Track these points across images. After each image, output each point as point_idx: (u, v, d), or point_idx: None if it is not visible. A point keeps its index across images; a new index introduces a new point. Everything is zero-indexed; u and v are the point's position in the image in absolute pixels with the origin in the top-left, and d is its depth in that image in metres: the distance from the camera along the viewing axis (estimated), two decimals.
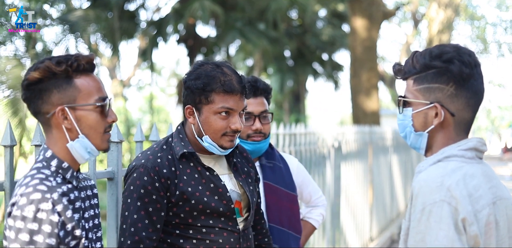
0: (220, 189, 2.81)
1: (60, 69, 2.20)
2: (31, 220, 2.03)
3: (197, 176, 2.80)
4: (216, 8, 19.95)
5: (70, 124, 2.23)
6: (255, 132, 3.46)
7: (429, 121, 2.14)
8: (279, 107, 34.81)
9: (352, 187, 8.03)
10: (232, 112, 2.75)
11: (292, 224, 3.60)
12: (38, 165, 2.21)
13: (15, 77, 13.02)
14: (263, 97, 3.54)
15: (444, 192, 1.97)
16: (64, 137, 2.24)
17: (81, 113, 2.24)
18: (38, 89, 2.20)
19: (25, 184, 2.11)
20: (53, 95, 2.21)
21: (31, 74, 2.19)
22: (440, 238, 1.93)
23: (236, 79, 2.75)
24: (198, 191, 2.76)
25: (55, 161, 2.22)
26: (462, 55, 2.10)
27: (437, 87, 2.12)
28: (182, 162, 2.81)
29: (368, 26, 14.28)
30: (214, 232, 2.77)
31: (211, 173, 2.82)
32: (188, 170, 2.80)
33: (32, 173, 2.16)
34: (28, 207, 2.03)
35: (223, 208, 2.79)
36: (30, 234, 2.03)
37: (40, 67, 2.19)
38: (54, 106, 2.21)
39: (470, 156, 2.11)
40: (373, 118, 14.21)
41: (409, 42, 33.24)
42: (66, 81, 2.22)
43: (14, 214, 2.04)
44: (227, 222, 2.81)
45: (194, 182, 2.78)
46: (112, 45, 20.44)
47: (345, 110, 54.07)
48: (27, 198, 2.05)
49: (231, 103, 2.73)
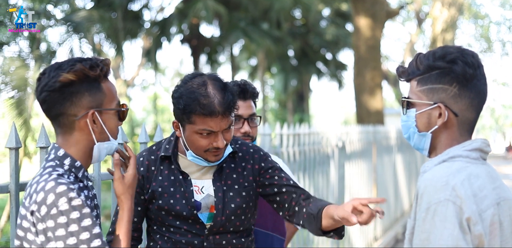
0: (187, 194, 2.85)
1: (94, 74, 2.24)
2: (70, 211, 2.07)
3: (173, 178, 2.87)
4: (220, 8, 19.98)
5: (98, 127, 2.28)
6: (243, 135, 3.47)
7: (433, 122, 2.15)
8: (283, 107, 34.86)
9: (356, 186, 8.03)
10: (214, 132, 2.74)
11: (276, 227, 3.60)
12: (51, 163, 2.23)
13: (19, 78, 13.05)
14: (251, 100, 3.55)
15: (449, 192, 1.98)
16: (87, 139, 2.27)
17: (106, 117, 2.30)
18: (69, 91, 2.21)
19: (44, 180, 2.13)
20: (85, 98, 2.24)
21: (64, 76, 2.20)
22: (444, 237, 1.94)
23: (218, 101, 2.69)
24: (167, 193, 2.85)
25: (68, 160, 2.25)
26: (466, 56, 2.11)
27: (440, 87, 2.13)
28: (164, 164, 2.90)
29: (372, 25, 14.26)
30: (180, 232, 2.85)
31: (184, 177, 2.87)
32: (166, 171, 2.89)
33: (47, 171, 2.19)
34: (60, 201, 2.07)
35: (186, 213, 2.84)
36: (77, 222, 2.07)
37: (75, 70, 2.21)
38: (84, 109, 2.24)
39: (474, 156, 2.12)
40: (377, 117, 14.19)
41: (413, 41, 33.21)
42: (95, 85, 2.26)
43: (51, 214, 2.07)
44: (193, 225, 2.86)
45: (167, 184, 2.86)
46: (116, 45, 20.47)
47: (349, 109, 54.08)
48: (54, 193, 2.08)
49: (212, 125, 2.70)
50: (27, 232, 2.14)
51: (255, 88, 3.59)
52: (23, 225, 2.15)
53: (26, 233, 2.14)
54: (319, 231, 2.77)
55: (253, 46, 24.02)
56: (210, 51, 24.66)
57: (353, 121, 22.60)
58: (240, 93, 3.45)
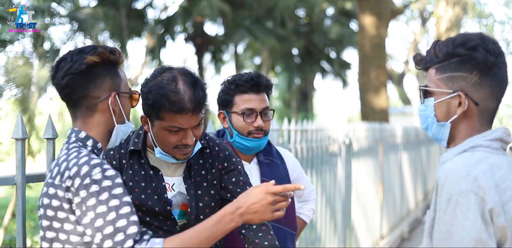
0: (159, 189, 2.79)
1: (114, 57, 2.32)
2: (103, 179, 2.09)
3: (143, 173, 2.81)
4: (224, 6, 19.95)
5: (118, 109, 2.35)
6: (256, 129, 3.42)
7: (452, 111, 2.09)
8: (287, 105, 34.85)
9: (362, 184, 7.98)
10: (183, 129, 2.69)
11: (288, 221, 3.57)
12: (74, 144, 2.26)
13: (23, 76, 13.04)
14: (265, 93, 3.48)
15: (471, 182, 1.92)
16: (107, 121, 2.33)
17: (123, 101, 2.37)
18: (94, 74, 2.28)
19: (75, 157, 2.17)
20: (106, 80, 2.30)
21: (89, 58, 2.25)
22: (466, 228, 1.88)
23: (188, 97, 2.61)
24: (138, 188, 2.78)
25: (91, 141, 2.29)
26: (487, 43, 2.05)
27: (460, 75, 2.06)
28: (134, 158, 2.83)
29: (376, 24, 14.24)
30: (151, 229, 2.75)
31: (155, 172, 2.82)
32: (136, 166, 2.82)
33: (74, 150, 2.22)
34: (94, 171, 2.10)
35: (158, 208, 2.78)
36: (108, 190, 2.08)
37: (98, 52, 2.27)
38: (106, 91, 2.30)
39: (496, 146, 2.06)
40: (381, 116, 14.16)
41: (417, 40, 33.21)
42: (114, 69, 2.34)
43: (84, 183, 2.08)
44: (165, 221, 2.80)
45: (138, 179, 2.80)
46: (120, 43, 20.41)
47: (353, 108, 54.04)
48: (88, 165, 2.12)
49: (181, 121, 2.64)
50: (57, 210, 2.14)
51: (269, 81, 3.50)
52: (52, 205, 2.15)
53: (56, 212, 2.15)
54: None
55: (257, 44, 23.99)
56: (214, 50, 24.64)
57: (358, 120, 22.57)
58: (254, 86, 3.39)
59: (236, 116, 3.41)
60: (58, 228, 2.14)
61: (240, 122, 3.40)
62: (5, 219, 11.03)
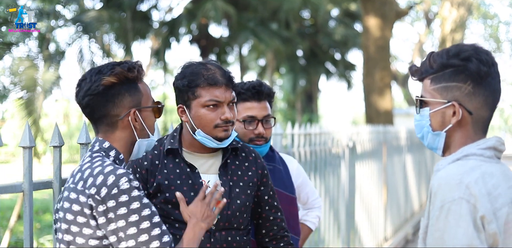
0: (196, 186, 2.87)
1: (133, 75, 2.41)
2: (131, 189, 2.21)
3: (178, 171, 2.90)
4: (229, 8, 19.98)
5: (139, 125, 2.43)
6: (257, 136, 3.49)
7: (447, 120, 2.14)
8: (292, 107, 34.80)
9: (366, 187, 8.01)
10: (220, 103, 2.85)
11: (291, 226, 3.60)
12: (97, 154, 2.36)
13: (29, 78, 13.08)
14: (267, 101, 3.55)
15: (463, 190, 1.97)
16: (129, 137, 2.43)
17: (144, 115, 2.46)
18: (111, 94, 2.37)
19: (99, 165, 2.27)
20: (125, 98, 2.39)
21: (107, 79, 2.35)
22: (459, 235, 1.93)
23: (220, 73, 2.87)
24: (174, 185, 2.86)
25: (114, 152, 2.39)
26: (480, 54, 2.10)
27: (454, 85, 2.12)
28: (168, 158, 2.93)
29: (381, 25, 14.24)
30: (185, 228, 2.76)
31: (192, 170, 2.91)
32: (171, 165, 2.91)
33: (98, 158, 2.32)
34: (121, 181, 2.20)
35: None
36: (139, 200, 2.21)
37: (115, 73, 2.35)
38: (125, 108, 2.39)
39: (489, 155, 2.11)
40: (386, 117, 14.16)
41: (422, 41, 33.18)
42: (134, 86, 2.42)
43: (112, 193, 2.18)
44: None
45: (174, 177, 2.88)
46: (125, 45, 20.50)
47: (357, 110, 53.97)
48: (114, 175, 2.22)
49: (217, 94, 2.83)
50: (77, 215, 2.23)
51: (271, 89, 3.59)
52: (72, 209, 2.23)
53: (76, 216, 2.23)
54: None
55: (262, 46, 24.01)
56: (219, 52, 24.65)
57: (362, 122, 22.56)
58: (255, 95, 3.49)
59: (237, 124, 3.47)
60: (76, 232, 2.23)
61: (241, 129, 3.47)
62: (11, 221, 11.08)
